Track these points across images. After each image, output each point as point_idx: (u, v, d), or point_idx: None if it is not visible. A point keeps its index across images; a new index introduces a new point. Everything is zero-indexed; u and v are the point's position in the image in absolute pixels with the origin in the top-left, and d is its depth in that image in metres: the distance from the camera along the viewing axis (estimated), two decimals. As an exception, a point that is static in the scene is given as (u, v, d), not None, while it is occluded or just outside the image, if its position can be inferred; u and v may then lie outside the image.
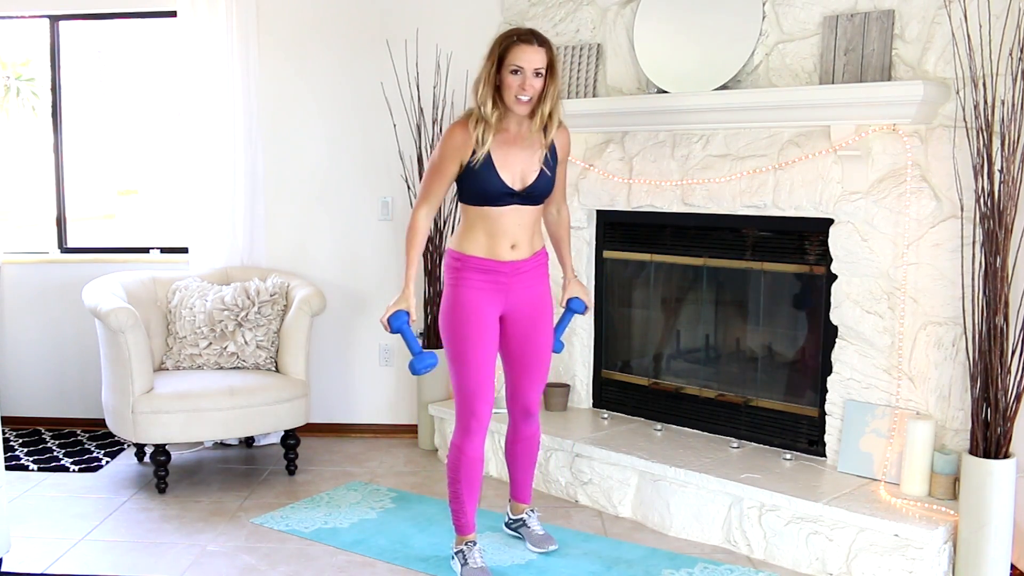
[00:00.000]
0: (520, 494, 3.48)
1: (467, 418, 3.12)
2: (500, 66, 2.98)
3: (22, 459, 4.44)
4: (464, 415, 3.13)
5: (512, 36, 3.00)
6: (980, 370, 2.94)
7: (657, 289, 4.31)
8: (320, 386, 4.80)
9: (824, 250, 3.57)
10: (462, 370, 3.11)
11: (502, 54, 2.97)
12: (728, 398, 4.00)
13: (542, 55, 2.98)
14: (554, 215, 3.39)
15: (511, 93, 2.98)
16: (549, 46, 3.02)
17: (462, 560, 3.16)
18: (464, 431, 3.13)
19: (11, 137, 5.95)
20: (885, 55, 3.31)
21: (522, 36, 2.99)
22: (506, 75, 2.97)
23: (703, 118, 3.75)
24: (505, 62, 2.97)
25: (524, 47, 2.96)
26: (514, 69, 2.96)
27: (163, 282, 4.52)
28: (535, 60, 2.97)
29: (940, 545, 3.00)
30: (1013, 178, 2.86)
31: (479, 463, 3.15)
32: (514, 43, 2.97)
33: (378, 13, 4.69)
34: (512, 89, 2.98)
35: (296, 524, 3.66)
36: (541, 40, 3.00)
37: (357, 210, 4.82)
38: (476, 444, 3.13)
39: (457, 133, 3.04)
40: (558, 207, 3.37)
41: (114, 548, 3.47)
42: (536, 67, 2.97)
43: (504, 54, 2.97)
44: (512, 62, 2.96)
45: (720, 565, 3.30)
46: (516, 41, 2.97)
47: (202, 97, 4.60)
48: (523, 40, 2.97)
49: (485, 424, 3.14)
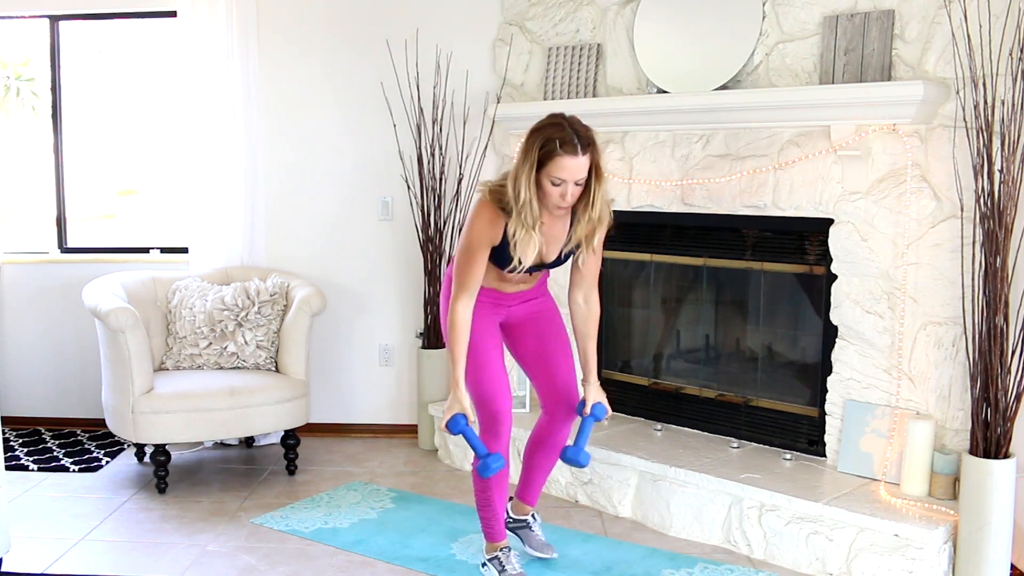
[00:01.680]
0: (529, 495, 3.36)
1: (490, 422, 3.00)
2: (539, 167, 2.72)
3: (22, 459, 4.44)
4: (487, 420, 3.01)
5: (555, 142, 2.68)
6: (980, 370, 2.94)
7: (657, 289, 4.31)
8: (320, 386, 4.80)
9: (824, 250, 3.57)
10: (473, 377, 2.98)
11: (542, 158, 2.71)
12: (728, 398, 4.00)
13: (586, 163, 2.72)
14: (581, 306, 3.07)
15: (550, 201, 2.76)
16: (593, 146, 2.74)
17: (499, 567, 3.10)
18: (491, 436, 3.00)
19: (11, 137, 5.94)
20: (885, 55, 3.31)
21: (564, 145, 2.68)
22: (545, 181, 2.73)
23: (703, 118, 3.75)
24: (545, 168, 2.71)
25: (567, 159, 2.68)
26: (555, 182, 2.72)
27: (163, 282, 4.52)
28: (578, 171, 2.71)
29: (940, 545, 3.00)
30: (1013, 178, 2.86)
31: (507, 467, 3.04)
32: (556, 153, 2.68)
33: (378, 13, 4.69)
34: (552, 198, 2.75)
35: (296, 524, 3.66)
36: (585, 145, 2.71)
37: (357, 210, 4.82)
38: (503, 447, 3.03)
39: (487, 223, 2.81)
40: (586, 297, 3.06)
41: (114, 548, 3.47)
42: (579, 178, 2.73)
43: (544, 160, 2.71)
44: (553, 174, 2.70)
45: (720, 565, 3.30)
46: (558, 151, 2.68)
47: (202, 97, 4.60)
48: (566, 151, 2.68)
49: (508, 425, 3.03)
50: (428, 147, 4.53)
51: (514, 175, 2.77)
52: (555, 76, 4.31)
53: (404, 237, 4.78)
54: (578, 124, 2.77)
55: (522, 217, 2.76)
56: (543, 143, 2.71)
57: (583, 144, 2.72)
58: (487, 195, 2.86)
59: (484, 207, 2.84)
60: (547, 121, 2.79)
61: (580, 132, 2.74)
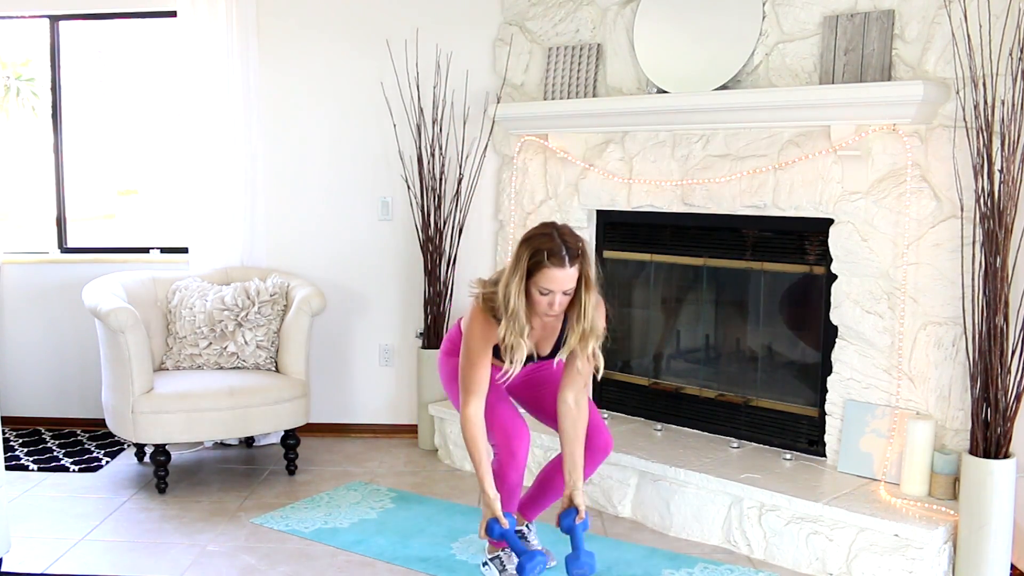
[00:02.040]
0: (531, 512, 3.33)
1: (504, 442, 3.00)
2: (528, 276, 2.77)
3: (22, 459, 4.44)
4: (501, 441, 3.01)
5: (543, 253, 2.73)
6: (980, 370, 2.94)
7: (657, 289, 4.31)
8: (320, 386, 4.80)
9: (824, 250, 3.57)
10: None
11: (531, 268, 2.76)
12: (728, 398, 4.00)
13: (574, 274, 2.76)
14: (571, 407, 3.02)
15: (539, 308, 2.82)
16: (582, 257, 2.78)
17: (500, 567, 3.10)
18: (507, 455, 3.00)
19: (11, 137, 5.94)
20: (885, 55, 3.31)
21: (552, 257, 2.72)
22: (534, 291, 2.78)
23: (703, 118, 3.75)
24: (534, 278, 2.76)
25: (555, 271, 2.73)
26: (543, 291, 2.77)
27: (163, 282, 4.52)
28: (566, 282, 2.76)
29: (940, 545, 3.00)
30: (1013, 178, 2.86)
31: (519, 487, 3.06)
32: (544, 264, 2.73)
33: (378, 13, 4.69)
34: (540, 306, 2.80)
35: (296, 524, 3.66)
36: (573, 256, 2.75)
37: (357, 210, 4.82)
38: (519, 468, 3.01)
39: (483, 330, 2.88)
40: (577, 399, 3.02)
41: (114, 548, 3.47)
42: (567, 288, 2.77)
43: (533, 270, 2.76)
44: (542, 284, 2.76)
45: (720, 565, 3.30)
46: (546, 263, 2.72)
47: (202, 97, 4.60)
48: (554, 263, 2.72)
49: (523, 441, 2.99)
50: (428, 147, 4.53)
51: (505, 283, 2.81)
52: (555, 76, 4.31)
53: (404, 237, 4.78)
54: (568, 235, 2.81)
55: (511, 324, 2.81)
56: (532, 253, 2.76)
57: (571, 255, 2.75)
58: (480, 302, 2.92)
59: (477, 314, 2.91)
60: (538, 231, 2.85)
61: (569, 243, 2.77)
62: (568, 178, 4.35)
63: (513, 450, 2.99)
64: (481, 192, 4.67)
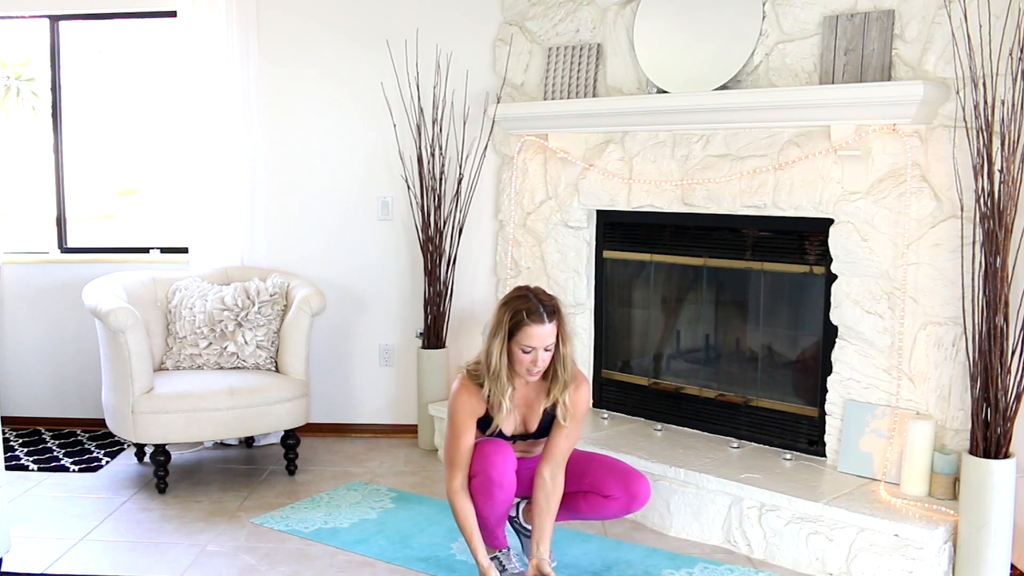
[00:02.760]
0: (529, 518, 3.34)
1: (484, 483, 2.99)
2: (510, 337, 2.90)
3: (22, 459, 4.44)
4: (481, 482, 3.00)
5: (522, 313, 2.88)
6: (980, 370, 2.94)
7: (657, 289, 4.31)
8: (320, 386, 4.80)
9: (824, 250, 3.57)
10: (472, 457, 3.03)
11: (511, 329, 2.89)
12: (728, 398, 4.00)
13: (553, 330, 2.90)
14: (547, 482, 3.03)
15: (522, 367, 2.93)
16: (558, 314, 2.93)
17: (499, 567, 3.09)
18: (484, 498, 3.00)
19: (11, 137, 5.94)
20: (885, 55, 3.31)
21: (532, 315, 2.87)
22: (516, 350, 2.90)
23: (703, 118, 3.74)
24: (515, 338, 2.89)
25: (535, 328, 2.86)
26: (526, 350, 2.89)
27: (163, 282, 4.52)
28: (546, 338, 2.89)
29: (940, 545, 3.00)
30: (1013, 178, 2.86)
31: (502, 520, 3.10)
32: (525, 323, 2.87)
33: (378, 13, 4.69)
34: (523, 365, 2.92)
35: (296, 524, 3.66)
36: (551, 313, 2.90)
37: (357, 210, 4.82)
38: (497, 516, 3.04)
39: (467, 401, 2.98)
40: (553, 474, 3.04)
41: (114, 548, 3.47)
42: (547, 344, 2.90)
43: (514, 330, 2.89)
44: (524, 343, 2.88)
45: (720, 565, 3.30)
46: (527, 321, 2.86)
47: (202, 97, 4.60)
48: (533, 320, 2.86)
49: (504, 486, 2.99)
50: (428, 147, 4.53)
51: (487, 347, 2.95)
52: (555, 76, 4.31)
53: (404, 237, 4.78)
54: (543, 295, 2.96)
55: (495, 384, 2.94)
56: (512, 315, 2.90)
57: (548, 312, 2.90)
58: (465, 375, 3.02)
59: (462, 387, 3.01)
60: (514, 294, 3.00)
61: (545, 302, 2.92)
62: (568, 178, 4.35)
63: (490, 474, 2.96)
64: (481, 192, 4.67)
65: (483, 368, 2.96)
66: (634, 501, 3.10)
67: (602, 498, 3.11)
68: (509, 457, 3.01)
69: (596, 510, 3.16)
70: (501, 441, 3.04)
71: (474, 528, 3.00)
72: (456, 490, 3.00)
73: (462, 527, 3.01)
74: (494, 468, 2.97)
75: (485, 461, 2.98)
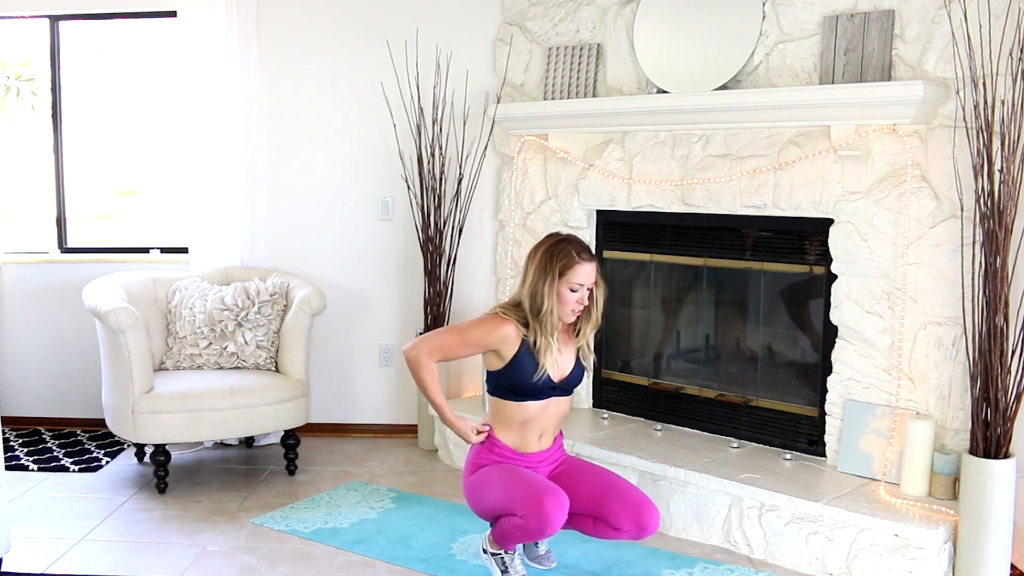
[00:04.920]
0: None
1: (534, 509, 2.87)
2: (559, 278, 2.99)
3: (22, 459, 4.44)
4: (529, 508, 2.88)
5: (571, 254, 3.00)
6: (980, 370, 2.94)
7: (657, 289, 4.31)
8: (320, 386, 4.80)
9: (824, 250, 3.57)
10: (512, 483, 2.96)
11: (562, 270, 2.99)
12: (728, 398, 4.00)
13: (595, 268, 3.05)
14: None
15: (566, 307, 3.02)
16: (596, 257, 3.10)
17: (501, 566, 3.08)
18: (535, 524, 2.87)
19: (11, 137, 5.94)
20: (885, 55, 3.31)
21: (581, 254, 3.01)
22: (564, 289, 3.00)
23: (703, 118, 3.74)
24: (564, 277, 2.99)
25: (585, 266, 2.99)
26: (574, 288, 2.99)
27: (163, 282, 4.52)
28: (592, 276, 3.03)
29: (940, 545, 3.00)
30: (1013, 178, 2.86)
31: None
32: (575, 262, 2.98)
33: (378, 13, 4.69)
34: (569, 304, 3.01)
35: (296, 524, 3.66)
36: (591, 254, 3.06)
37: (357, 210, 4.82)
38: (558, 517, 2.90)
39: (498, 326, 3.02)
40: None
41: (114, 548, 3.47)
42: (592, 282, 3.04)
43: (564, 270, 2.99)
44: (574, 280, 2.99)
45: (720, 565, 3.30)
46: (577, 260, 2.98)
47: (202, 97, 4.60)
48: (583, 259, 3.00)
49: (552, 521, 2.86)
50: (428, 147, 4.53)
51: (532, 290, 3.01)
52: (555, 76, 4.31)
53: (404, 237, 4.78)
54: (576, 238, 3.10)
55: (543, 325, 3.00)
56: (559, 256, 3.01)
57: (590, 253, 3.05)
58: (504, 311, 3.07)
59: (498, 316, 3.05)
60: (551, 239, 3.08)
61: (584, 244, 3.08)
62: (568, 178, 4.35)
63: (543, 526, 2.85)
64: (481, 192, 4.67)
65: (527, 310, 3.01)
66: (643, 533, 3.04)
67: (612, 529, 3.03)
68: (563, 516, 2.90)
69: (600, 535, 3.10)
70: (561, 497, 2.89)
71: (438, 389, 3.07)
72: (423, 354, 3.02)
73: (426, 388, 3.05)
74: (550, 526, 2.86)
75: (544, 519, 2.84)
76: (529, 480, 2.96)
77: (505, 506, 2.94)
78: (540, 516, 2.83)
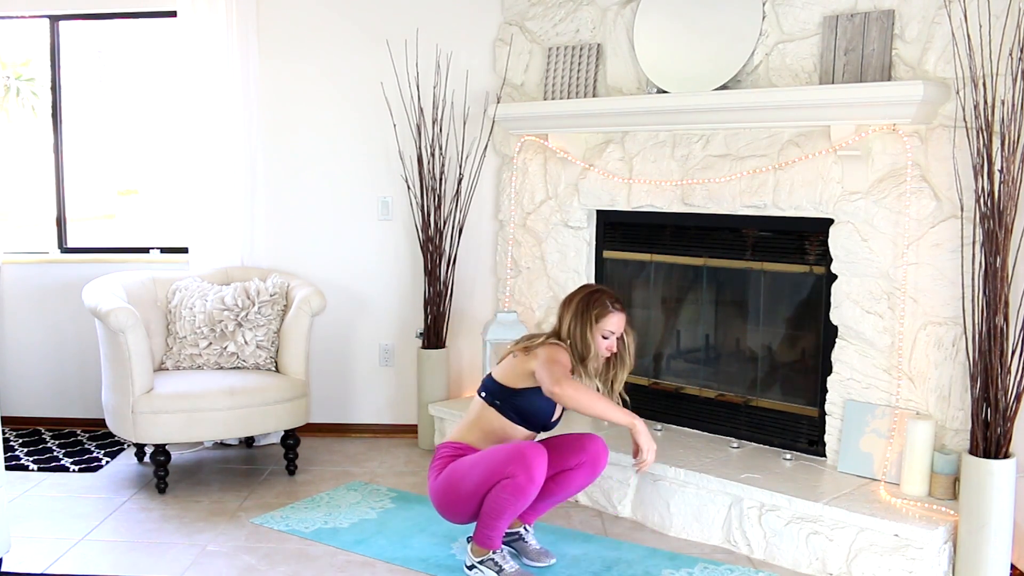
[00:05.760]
0: (529, 515, 3.34)
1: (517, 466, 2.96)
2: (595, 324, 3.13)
3: (22, 459, 4.44)
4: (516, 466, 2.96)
5: (605, 303, 3.14)
6: (980, 370, 2.94)
7: (657, 289, 4.31)
8: (320, 386, 4.80)
9: (824, 250, 3.57)
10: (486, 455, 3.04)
11: (597, 317, 3.13)
12: (728, 398, 4.00)
13: (625, 318, 3.19)
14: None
15: (599, 352, 3.17)
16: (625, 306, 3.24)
17: (495, 568, 3.09)
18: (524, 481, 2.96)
19: (11, 137, 5.94)
20: (885, 55, 3.31)
21: (615, 304, 3.16)
22: (597, 336, 3.14)
23: (703, 118, 3.75)
24: (599, 325, 3.13)
25: (618, 316, 3.15)
26: (606, 335, 3.15)
27: (163, 282, 4.52)
28: (623, 325, 3.19)
29: (940, 545, 3.00)
30: (1013, 178, 2.86)
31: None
32: (609, 311, 3.13)
33: (378, 13, 4.69)
34: (600, 350, 3.17)
35: (296, 524, 3.66)
36: (623, 304, 3.21)
37: (357, 210, 4.82)
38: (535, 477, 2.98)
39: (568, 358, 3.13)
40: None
41: (114, 548, 3.47)
42: (622, 330, 3.19)
43: (599, 318, 3.13)
44: (607, 328, 3.14)
45: (720, 565, 3.30)
46: (611, 309, 3.14)
47: (202, 97, 4.60)
48: (616, 308, 3.15)
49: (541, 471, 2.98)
50: (428, 147, 4.53)
51: (577, 335, 3.15)
52: (555, 76, 4.31)
53: (404, 237, 4.78)
54: (608, 289, 3.30)
55: (587, 368, 3.17)
56: (595, 304, 3.16)
57: (622, 304, 3.22)
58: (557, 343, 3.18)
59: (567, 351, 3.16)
60: (585, 290, 3.25)
61: (617, 295, 3.24)
62: (568, 178, 4.36)
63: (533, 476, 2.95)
64: (481, 192, 4.67)
65: (572, 353, 3.14)
66: (597, 460, 3.23)
67: (568, 471, 3.19)
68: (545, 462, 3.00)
69: (566, 486, 3.22)
70: (539, 445, 3.02)
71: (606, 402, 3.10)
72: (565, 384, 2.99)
73: (590, 404, 3.03)
74: (538, 472, 2.95)
75: (530, 466, 2.94)
76: (500, 446, 3.06)
77: (489, 476, 2.98)
78: (525, 462, 2.92)
